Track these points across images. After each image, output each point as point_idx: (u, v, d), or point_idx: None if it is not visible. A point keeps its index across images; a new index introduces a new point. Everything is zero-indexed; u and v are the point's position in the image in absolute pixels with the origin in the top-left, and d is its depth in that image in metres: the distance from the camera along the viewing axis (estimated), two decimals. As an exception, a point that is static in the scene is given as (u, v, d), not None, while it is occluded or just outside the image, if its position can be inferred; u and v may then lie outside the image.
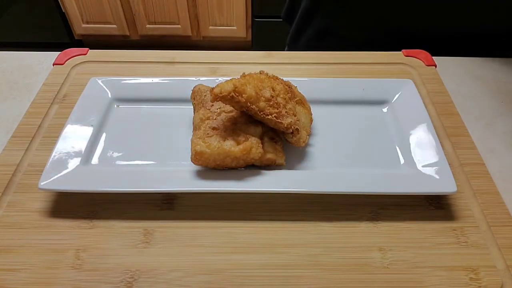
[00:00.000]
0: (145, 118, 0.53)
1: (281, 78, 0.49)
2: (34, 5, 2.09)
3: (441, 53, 0.65)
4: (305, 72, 0.61)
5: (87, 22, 2.14)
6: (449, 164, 0.44)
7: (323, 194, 0.44)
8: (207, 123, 0.45)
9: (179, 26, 2.13)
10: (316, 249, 0.40)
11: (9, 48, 2.19)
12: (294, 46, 0.84)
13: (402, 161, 0.47)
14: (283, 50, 0.90)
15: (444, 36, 0.69)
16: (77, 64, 0.62)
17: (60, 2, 2.05)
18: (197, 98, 0.49)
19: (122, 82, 0.56)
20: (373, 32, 0.72)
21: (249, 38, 2.18)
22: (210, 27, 2.13)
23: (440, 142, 0.47)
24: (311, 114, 0.50)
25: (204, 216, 0.43)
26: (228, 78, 0.43)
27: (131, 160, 0.47)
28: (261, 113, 0.43)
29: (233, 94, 0.41)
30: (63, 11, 2.09)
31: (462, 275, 0.38)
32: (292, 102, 0.48)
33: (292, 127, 0.44)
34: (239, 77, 0.44)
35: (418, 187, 0.43)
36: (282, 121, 0.44)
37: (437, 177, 0.43)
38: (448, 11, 0.66)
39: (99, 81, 0.55)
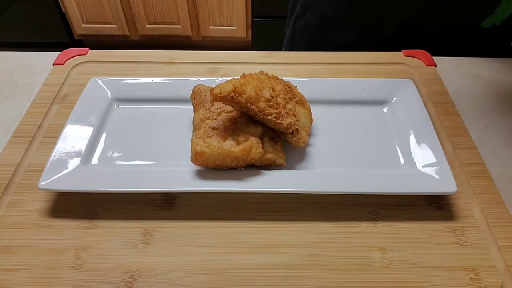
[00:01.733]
0: (145, 118, 0.53)
1: (281, 78, 0.49)
2: (34, 5, 2.09)
3: (441, 53, 0.65)
4: (305, 72, 0.61)
5: (87, 22, 2.13)
6: (449, 164, 0.44)
7: (323, 194, 0.44)
8: (207, 123, 0.45)
9: (179, 26, 2.13)
10: (316, 249, 0.40)
11: (9, 48, 2.19)
12: (288, 32, 0.83)
13: (402, 161, 0.47)
14: (283, 50, 0.90)
15: (444, 34, 0.69)
16: (77, 64, 0.62)
17: (60, 2, 2.05)
18: (197, 98, 0.49)
19: (122, 82, 0.56)
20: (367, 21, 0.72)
21: (249, 38, 2.18)
22: (210, 27, 2.13)
23: (440, 142, 0.47)
24: (311, 114, 0.50)
25: (204, 216, 0.43)
26: (228, 78, 0.43)
27: (131, 160, 0.47)
28: (261, 113, 0.43)
29: (233, 94, 0.41)
30: (63, 11, 2.09)
31: (462, 275, 0.38)
32: (292, 102, 0.48)
33: (292, 128, 0.44)
34: (239, 77, 0.44)
35: (418, 187, 0.43)
36: (282, 122, 0.44)
37: (437, 177, 0.43)
38: (446, 8, 0.66)
39: (99, 81, 0.55)
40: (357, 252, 0.40)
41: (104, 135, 0.50)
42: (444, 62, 0.65)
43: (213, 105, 0.47)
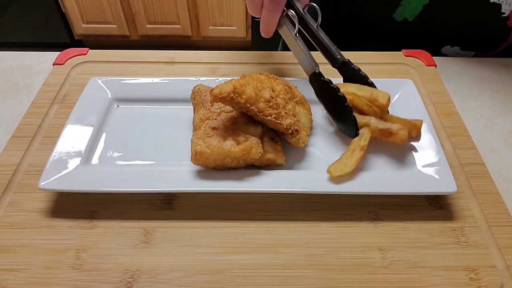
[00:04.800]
0: (145, 118, 0.53)
1: (281, 78, 0.49)
2: (34, 5, 2.10)
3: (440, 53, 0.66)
4: (305, 72, 0.61)
5: (87, 22, 2.14)
6: (449, 164, 0.44)
7: (323, 194, 0.44)
8: (207, 123, 0.45)
9: (179, 26, 2.13)
10: (316, 249, 0.40)
11: (9, 48, 2.19)
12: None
13: (402, 161, 0.47)
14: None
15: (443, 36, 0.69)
16: (77, 64, 0.62)
17: (60, 2, 2.05)
18: (197, 98, 0.49)
19: (122, 82, 0.56)
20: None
21: (249, 38, 2.18)
22: (210, 27, 2.13)
23: (440, 142, 0.47)
24: (311, 114, 0.50)
25: (204, 216, 0.43)
26: (228, 79, 0.43)
27: (131, 160, 0.47)
28: (261, 114, 0.43)
29: (233, 95, 0.41)
30: (63, 11, 2.09)
31: (462, 275, 0.38)
32: (292, 103, 0.48)
33: (292, 128, 0.44)
34: (239, 77, 0.44)
35: (418, 187, 0.43)
36: (281, 122, 0.44)
37: (437, 177, 0.43)
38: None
39: (99, 81, 0.55)
40: (357, 252, 0.40)
41: (104, 135, 0.50)
42: (444, 62, 0.65)
43: (213, 105, 0.47)
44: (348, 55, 0.64)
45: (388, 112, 0.49)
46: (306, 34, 0.51)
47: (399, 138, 0.45)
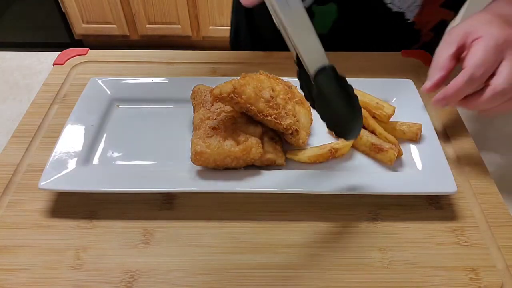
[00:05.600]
0: (145, 118, 0.53)
1: (281, 78, 0.49)
2: (34, 5, 2.10)
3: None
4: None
5: (87, 22, 2.13)
6: (449, 164, 0.44)
7: (323, 194, 0.44)
8: (207, 123, 0.45)
9: (179, 26, 2.13)
10: (316, 249, 0.40)
11: (9, 48, 2.19)
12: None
13: (402, 161, 0.47)
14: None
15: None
16: (77, 64, 0.62)
17: (60, 2, 2.05)
18: (197, 98, 0.49)
19: (122, 82, 0.56)
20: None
21: (249, 38, 2.18)
22: (210, 27, 2.13)
23: (440, 142, 0.47)
24: (311, 114, 0.50)
25: (204, 216, 0.43)
26: (228, 78, 0.43)
27: (131, 160, 0.47)
28: (261, 114, 0.43)
29: (233, 95, 0.41)
30: (63, 11, 2.09)
31: (462, 275, 0.38)
32: (292, 103, 0.48)
33: (292, 128, 0.44)
34: (239, 77, 0.44)
35: (418, 187, 0.43)
36: (281, 122, 0.44)
37: (437, 177, 0.43)
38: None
39: (99, 81, 0.55)
40: (357, 252, 0.40)
41: (104, 135, 0.50)
42: (444, 62, 0.64)
43: (213, 105, 0.47)
44: (349, 54, 0.64)
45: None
46: None
47: (387, 157, 0.45)
